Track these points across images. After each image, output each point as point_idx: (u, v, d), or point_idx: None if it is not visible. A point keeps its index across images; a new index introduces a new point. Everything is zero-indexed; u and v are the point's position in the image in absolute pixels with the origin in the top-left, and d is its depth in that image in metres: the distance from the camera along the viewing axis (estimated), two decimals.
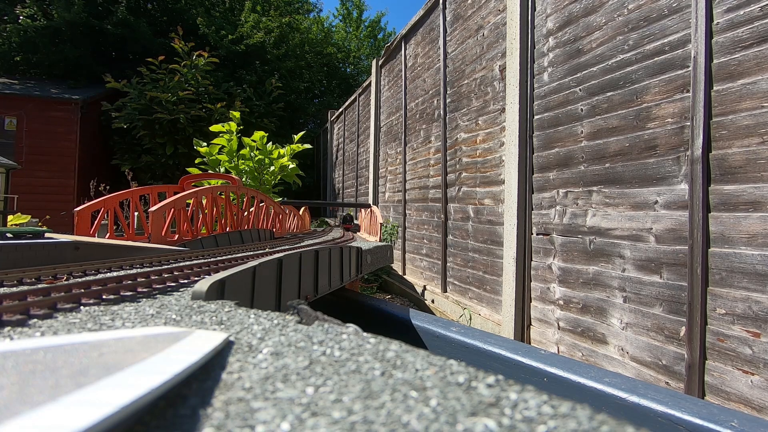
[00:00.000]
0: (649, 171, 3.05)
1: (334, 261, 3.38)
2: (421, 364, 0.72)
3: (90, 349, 0.73)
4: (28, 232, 2.53)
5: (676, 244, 2.85)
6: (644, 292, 3.05)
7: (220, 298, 1.51)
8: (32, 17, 14.76)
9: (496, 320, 4.77)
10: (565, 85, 3.90)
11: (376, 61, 10.38)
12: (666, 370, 2.88)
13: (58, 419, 0.44)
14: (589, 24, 3.64)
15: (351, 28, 27.00)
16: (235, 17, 18.95)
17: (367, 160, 11.22)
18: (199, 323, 1.13)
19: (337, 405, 0.57)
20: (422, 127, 7.42)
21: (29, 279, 1.79)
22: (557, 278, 3.88)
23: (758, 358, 2.36)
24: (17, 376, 0.58)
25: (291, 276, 2.48)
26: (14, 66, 15.51)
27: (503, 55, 4.85)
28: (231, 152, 8.89)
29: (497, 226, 4.88)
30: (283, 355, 0.81)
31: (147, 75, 13.58)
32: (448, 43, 6.44)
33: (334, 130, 17.20)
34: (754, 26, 2.45)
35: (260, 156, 9.18)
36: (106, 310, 1.31)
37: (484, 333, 2.50)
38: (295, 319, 1.09)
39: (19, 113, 12.80)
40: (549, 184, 4.05)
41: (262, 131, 9.38)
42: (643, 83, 3.12)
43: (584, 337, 3.56)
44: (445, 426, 0.50)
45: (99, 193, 7.71)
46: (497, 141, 4.97)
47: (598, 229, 3.47)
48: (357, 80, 23.51)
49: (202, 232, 4.53)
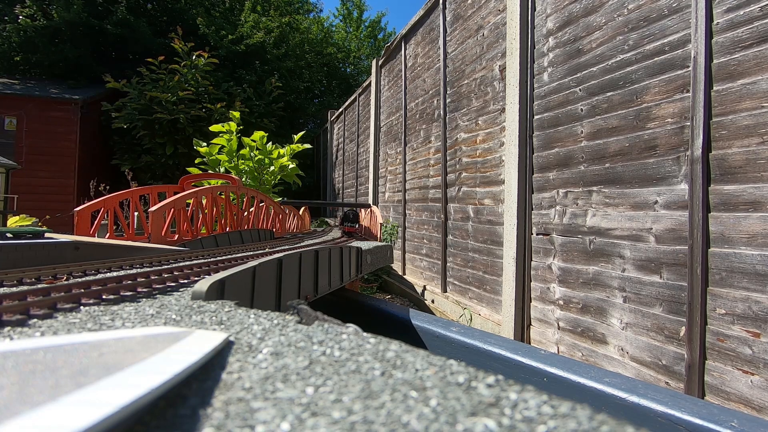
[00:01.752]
0: (649, 171, 3.05)
1: (334, 261, 3.38)
2: (421, 364, 0.72)
3: (90, 349, 0.73)
4: (28, 232, 2.53)
5: (676, 244, 2.85)
6: (644, 292, 3.05)
7: (220, 298, 1.51)
8: (32, 17, 14.76)
9: (496, 320, 4.77)
10: (565, 85, 3.90)
11: (376, 61, 10.38)
12: (666, 370, 2.88)
13: (58, 419, 0.44)
14: (589, 24, 3.64)
15: (351, 28, 27.00)
16: (235, 17, 18.95)
17: (367, 160, 11.22)
18: (199, 323, 1.13)
19: (337, 405, 0.57)
20: (422, 127, 7.42)
21: (29, 279, 1.79)
22: (557, 278, 3.88)
23: (758, 358, 2.36)
24: (17, 376, 0.58)
25: (291, 276, 2.48)
26: (14, 66, 15.51)
27: (503, 55, 4.85)
28: (231, 152, 8.89)
29: (497, 226, 4.88)
30: (283, 355, 0.81)
31: (147, 75, 13.57)
32: (448, 43, 6.44)
33: (334, 130, 17.19)
34: (754, 26, 2.45)
35: (260, 156, 9.18)
36: (106, 310, 1.31)
37: (484, 333, 2.50)
38: (295, 319, 1.09)
39: (19, 113, 12.80)
40: (549, 184, 4.05)
41: (262, 131, 9.37)
42: (643, 83, 3.12)
43: (584, 337, 3.56)
44: (445, 426, 0.50)
45: (99, 193, 7.71)
46: (497, 141, 4.97)
47: (598, 229, 3.47)
48: (357, 80, 23.51)
49: (202, 232, 4.53)
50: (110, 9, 15.83)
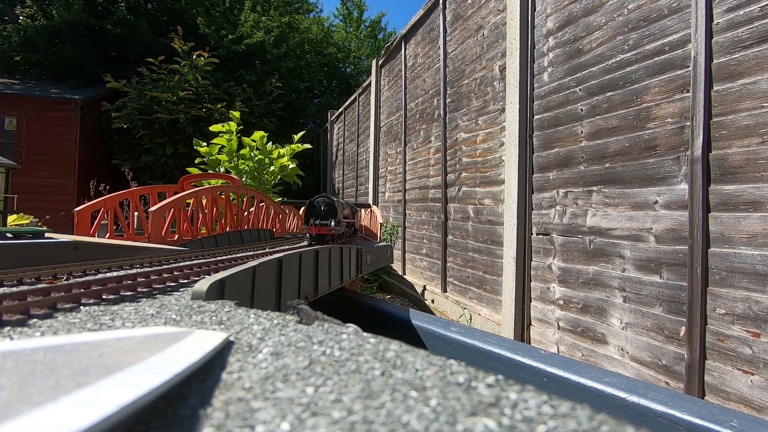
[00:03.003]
0: (649, 171, 3.05)
1: (334, 261, 3.39)
2: (421, 364, 0.72)
3: (90, 349, 0.73)
4: (28, 232, 2.53)
5: (676, 244, 2.85)
6: (644, 292, 3.05)
7: (220, 298, 1.51)
8: (32, 17, 14.76)
9: (496, 320, 4.77)
10: (565, 85, 3.90)
11: (376, 61, 10.38)
12: (666, 370, 2.88)
13: (58, 419, 0.44)
14: (589, 24, 3.64)
15: (351, 28, 26.99)
16: (235, 17, 18.95)
17: (367, 160, 11.22)
18: (199, 323, 1.13)
19: (337, 405, 0.57)
20: (422, 127, 7.42)
21: (29, 279, 1.79)
22: (557, 278, 3.88)
23: (758, 358, 2.36)
24: (17, 376, 0.58)
25: (291, 276, 2.48)
26: (14, 66, 15.51)
27: (503, 55, 4.85)
28: (231, 152, 8.89)
29: (497, 226, 4.88)
30: (283, 355, 0.81)
31: (147, 75, 13.57)
32: (448, 43, 6.44)
33: (334, 130, 17.19)
34: (754, 26, 2.45)
35: (260, 156, 9.18)
36: (106, 310, 1.31)
37: (484, 333, 2.50)
38: (295, 319, 1.09)
39: (19, 113, 12.80)
40: (549, 184, 4.05)
41: (262, 131, 9.38)
42: (643, 83, 3.12)
43: (584, 337, 3.56)
44: (445, 426, 0.50)
45: (99, 193, 7.71)
46: (497, 141, 4.97)
47: (598, 229, 3.47)
48: (357, 80, 23.50)
49: (202, 232, 4.53)
50: (110, 9, 15.83)
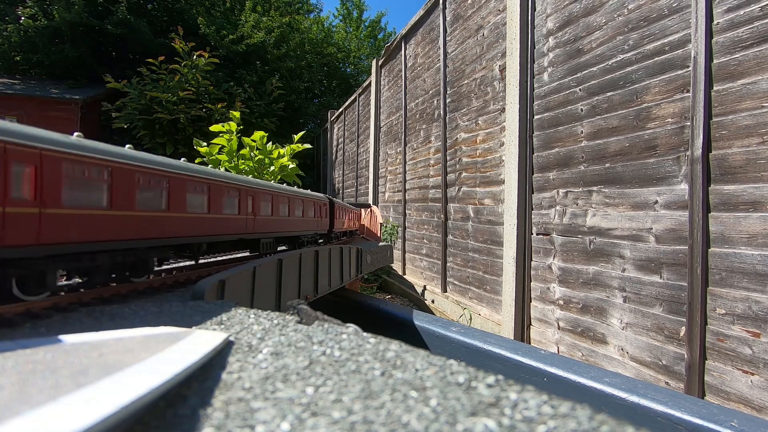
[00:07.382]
0: (649, 171, 3.05)
1: (334, 261, 3.39)
2: (421, 364, 0.72)
3: (90, 349, 0.73)
4: None
5: (676, 244, 2.85)
6: (644, 292, 3.05)
7: (220, 298, 1.51)
8: (33, 17, 14.77)
9: (496, 320, 4.77)
10: (565, 85, 3.89)
11: (376, 61, 10.38)
12: (666, 370, 2.88)
13: (58, 419, 0.44)
14: (589, 24, 3.64)
15: (351, 28, 26.99)
16: (236, 17, 18.95)
17: (367, 160, 11.22)
18: (199, 323, 1.13)
19: (337, 405, 0.57)
20: (422, 127, 7.42)
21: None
22: (557, 278, 3.88)
23: (758, 358, 2.36)
24: (17, 376, 0.58)
25: (291, 276, 2.48)
26: (14, 66, 15.52)
27: (503, 55, 4.85)
28: (231, 152, 8.89)
29: (497, 226, 4.88)
30: (283, 355, 0.81)
31: (147, 75, 13.57)
32: (448, 43, 6.44)
33: (334, 130, 17.19)
34: (754, 26, 2.45)
35: (260, 156, 9.18)
36: (106, 309, 1.31)
37: (484, 333, 2.50)
38: (295, 319, 1.09)
39: (19, 113, 12.80)
40: (549, 184, 4.05)
41: (262, 131, 9.37)
42: (643, 83, 3.12)
43: (584, 337, 3.56)
44: (445, 426, 0.50)
45: None
46: (497, 141, 4.97)
47: (598, 229, 3.47)
48: (357, 80, 23.50)
49: None
50: (110, 9, 15.84)
